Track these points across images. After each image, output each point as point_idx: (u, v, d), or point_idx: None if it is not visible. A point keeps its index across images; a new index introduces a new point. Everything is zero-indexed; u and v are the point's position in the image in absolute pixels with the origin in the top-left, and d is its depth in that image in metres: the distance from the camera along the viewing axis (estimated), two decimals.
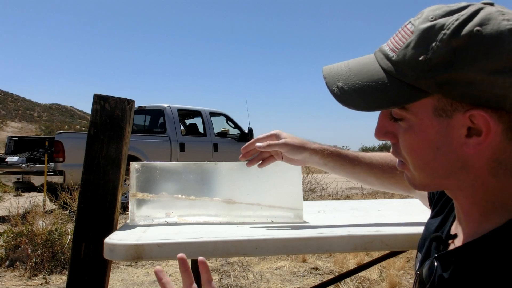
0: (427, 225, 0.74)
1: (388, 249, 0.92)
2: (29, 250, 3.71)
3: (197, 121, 9.14)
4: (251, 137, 9.20)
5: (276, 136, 1.04)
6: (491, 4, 0.52)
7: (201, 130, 8.92)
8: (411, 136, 0.56)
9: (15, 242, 3.84)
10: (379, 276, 3.43)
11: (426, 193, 0.88)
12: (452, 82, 0.50)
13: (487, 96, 0.49)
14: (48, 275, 3.51)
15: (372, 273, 3.46)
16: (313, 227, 0.99)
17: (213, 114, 9.19)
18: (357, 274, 3.22)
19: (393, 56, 0.55)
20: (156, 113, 8.61)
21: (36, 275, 3.52)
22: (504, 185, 0.53)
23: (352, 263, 3.74)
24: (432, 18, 0.52)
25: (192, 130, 9.02)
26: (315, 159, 1.01)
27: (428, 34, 0.51)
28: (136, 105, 1.67)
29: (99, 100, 1.11)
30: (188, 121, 9.46)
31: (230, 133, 9.33)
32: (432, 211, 0.76)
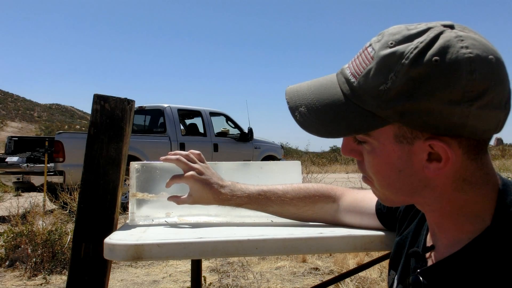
0: (396, 243, 0.74)
1: (388, 249, 0.92)
2: (29, 250, 3.71)
3: (197, 121, 9.14)
4: (251, 137, 9.20)
5: (199, 170, 0.99)
6: (451, 27, 0.51)
7: (201, 130, 8.92)
8: (374, 158, 0.57)
9: (15, 242, 3.84)
10: (379, 276, 3.43)
11: (367, 212, 0.89)
12: (411, 112, 0.50)
13: (446, 125, 0.50)
14: (48, 275, 3.51)
15: (372, 273, 3.46)
16: (313, 227, 0.99)
17: (213, 114, 9.19)
18: (357, 274, 3.22)
19: (353, 82, 0.54)
20: (156, 113, 8.61)
21: (36, 275, 3.52)
22: (471, 198, 0.54)
23: (352, 263, 3.74)
24: (391, 43, 0.51)
25: (192, 130, 9.02)
26: (226, 205, 1.00)
27: (387, 62, 0.51)
28: (136, 105, 1.67)
29: (99, 100, 1.10)
30: (188, 121, 9.46)
31: (230, 133, 9.33)
32: (399, 230, 0.76)
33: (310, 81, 0.63)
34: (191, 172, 0.98)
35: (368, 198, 0.90)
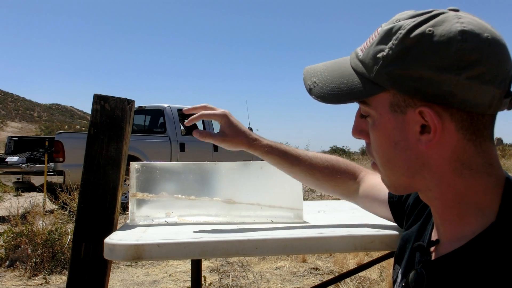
0: (402, 237, 0.74)
1: (388, 249, 0.92)
2: (29, 250, 3.71)
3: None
4: None
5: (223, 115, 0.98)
6: (456, 10, 0.54)
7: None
8: (374, 132, 0.60)
9: (15, 242, 3.84)
10: (379, 276, 3.43)
11: (382, 200, 0.90)
12: (403, 77, 0.53)
13: (435, 92, 0.52)
14: (48, 275, 3.51)
15: (372, 273, 3.46)
16: (313, 227, 0.99)
17: None
18: (357, 274, 3.22)
19: (360, 55, 0.59)
20: (156, 113, 8.60)
21: (36, 275, 3.52)
22: (471, 185, 0.55)
23: (352, 263, 3.74)
24: (396, 20, 0.56)
25: (192, 130, 9.00)
26: (254, 152, 0.98)
27: (388, 34, 0.55)
28: (136, 105, 1.67)
29: (99, 100, 1.11)
30: None
31: None
32: (406, 223, 0.77)
33: (327, 61, 0.69)
34: (224, 110, 0.98)
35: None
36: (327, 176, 0.98)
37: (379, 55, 0.55)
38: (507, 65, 0.52)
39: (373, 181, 0.95)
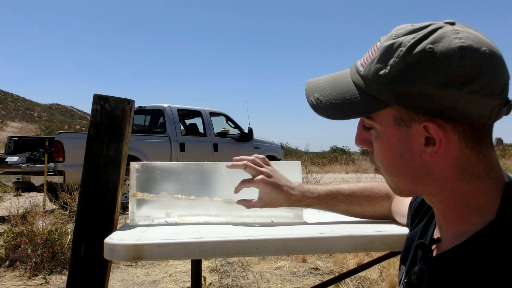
0: (407, 238, 0.76)
1: (388, 249, 0.92)
2: (29, 250, 3.71)
3: (197, 121, 9.13)
4: (251, 137, 9.19)
5: (267, 174, 1.01)
6: (452, 24, 0.56)
7: (201, 130, 8.91)
8: (378, 143, 0.61)
9: (15, 242, 3.84)
10: (379, 276, 3.43)
11: (405, 214, 0.90)
12: (407, 94, 0.54)
13: (438, 108, 0.53)
14: (48, 275, 3.51)
15: (372, 273, 3.46)
16: (313, 227, 0.99)
17: (213, 114, 9.19)
18: (357, 274, 3.22)
19: (361, 71, 0.60)
20: (156, 113, 8.61)
21: (36, 275, 3.52)
22: (473, 189, 0.57)
23: (352, 263, 3.74)
24: (395, 36, 0.57)
25: (192, 130, 9.02)
26: (296, 205, 1.03)
27: (388, 51, 0.56)
28: (136, 105, 1.67)
29: (99, 100, 1.11)
30: (188, 121, 9.45)
31: (230, 133, 9.32)
32: (411, 225, 0.79)
33: (328, 74, 0.69)
34: (260, 176, 1.01)
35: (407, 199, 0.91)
36: (366, 206, 1.03)
37: (381, 72, 0.56)
38: (504, 76, 0.54)
39: (398, 197, 0.97)
